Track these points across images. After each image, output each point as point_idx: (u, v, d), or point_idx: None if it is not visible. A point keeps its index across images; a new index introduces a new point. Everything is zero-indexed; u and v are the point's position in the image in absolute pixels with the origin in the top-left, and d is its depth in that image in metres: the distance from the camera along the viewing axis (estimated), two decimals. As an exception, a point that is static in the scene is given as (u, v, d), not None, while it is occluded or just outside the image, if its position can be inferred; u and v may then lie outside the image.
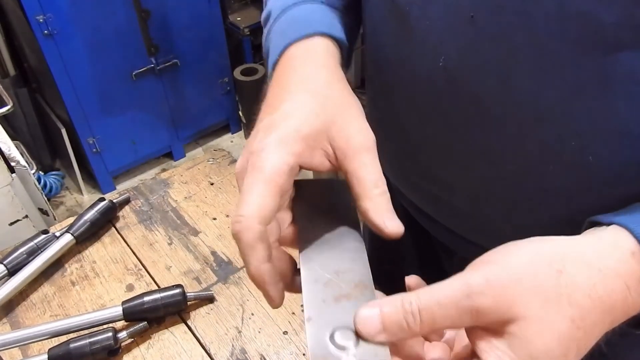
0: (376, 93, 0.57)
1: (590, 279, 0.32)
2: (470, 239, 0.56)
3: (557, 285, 0.31)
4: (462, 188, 0.50)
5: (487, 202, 0.49)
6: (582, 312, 0.31)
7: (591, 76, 0.36)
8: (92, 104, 2.14)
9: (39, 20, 1.87)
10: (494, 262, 0.32)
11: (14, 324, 0.71)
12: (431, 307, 0.31)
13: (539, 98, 0.39)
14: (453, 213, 0.54)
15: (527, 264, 0.32)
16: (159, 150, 2.49)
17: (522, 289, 0.31)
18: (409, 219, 0.69)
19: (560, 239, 0.34)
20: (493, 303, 0.30)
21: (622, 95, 0.36)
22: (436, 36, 0.42)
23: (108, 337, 0.64)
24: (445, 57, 0.42)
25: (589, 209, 0.43)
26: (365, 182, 0.35)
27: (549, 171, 0.43)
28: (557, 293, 0.31)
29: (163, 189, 0.90)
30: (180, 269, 0.77)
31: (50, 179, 2.35)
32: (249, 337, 0.67)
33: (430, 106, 0.46)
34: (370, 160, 0.36)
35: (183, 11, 2.20)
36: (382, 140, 0.62)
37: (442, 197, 0.53)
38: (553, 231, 0.43)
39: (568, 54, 0.36)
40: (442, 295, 0.31)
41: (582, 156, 0.40)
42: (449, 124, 0.46)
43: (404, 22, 0.45)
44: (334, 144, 0.36)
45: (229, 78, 2.50)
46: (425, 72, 0.44)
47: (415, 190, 0.58)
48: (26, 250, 0.75)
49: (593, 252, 0.33)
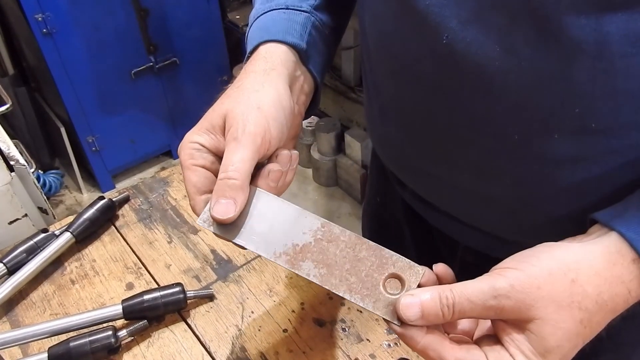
0: (379, 83, 0.57)
1: (598, 287, 0.38)
2: (473, 224, 0.56)
3: (570, 294, 0.37)
4: (467, 165, 0.51)
5: (491, 177, 0.50)
6: (589, 315, 0.37)
7: (588, 38, 0.38)
8: (91, 102, 2.14)
9: (38, 19, 1.87)
10: (518, 269, 0.38)
11: (13, 322, 0.71)
12: (463, 302, 0.37)
13: (540, 63, 0.40)
14: (457, 196, 0.55)
15: (546, 273, 0.38)
16: (158, 149, 2.49)
17: (540, 295, 0.37)
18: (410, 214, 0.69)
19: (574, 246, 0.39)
20: (515, 305, 0.37)
21: (619, 56, 0.38)
22: (437, 13, 0.43)
23: (108, 336, 0.64)
24: (448, 33, 0.43)
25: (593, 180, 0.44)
26: (222, 165, 0.44)
27: (553, 141, 0.44)
28: (570, 300, 0.37)
29: (162, 188, 0.90)
30: (180, 267, 0.77)
31: (50, 178, 2.35)
32: (248, 335, 0.67)
33: (434, 83, 0.48)
34: (232, 148, 0.44)
35: (182, 10, 2.20)
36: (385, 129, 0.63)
37: (446, 178, 0.54)
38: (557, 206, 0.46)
39: (564, 17, 0.38)
40: (473, 294, 0.37)
41: (584, 123, 0.42)
42: (453, 98, 0.47)
43: (404, 4, 0.46)
44: (225, 127, 0.46)
45: (228, 76, 2.49)
46: (429, 50, 0.46)
47: (418, 176, 0.59)
48: (26, 249, 0.75)
49: (602, 261, 0.38)
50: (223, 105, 0.47)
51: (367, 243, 0.43)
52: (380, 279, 0.42)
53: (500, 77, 0.42)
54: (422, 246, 0.73)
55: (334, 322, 0.68)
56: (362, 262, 0.43)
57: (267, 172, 0.46)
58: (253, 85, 0.48)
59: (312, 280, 0.43)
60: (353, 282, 0.42)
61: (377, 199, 0.80)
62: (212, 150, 0.47)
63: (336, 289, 0.42)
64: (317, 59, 0.54)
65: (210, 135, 0.47)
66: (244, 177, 0.43)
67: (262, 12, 0.56)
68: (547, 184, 0.47)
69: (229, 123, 0.45)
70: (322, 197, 2.35)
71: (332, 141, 2.25)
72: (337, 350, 0.65)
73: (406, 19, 0.47)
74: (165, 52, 2.22)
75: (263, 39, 0.52)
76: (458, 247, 0.65)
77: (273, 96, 0.47)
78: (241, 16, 2.46)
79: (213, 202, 0.43)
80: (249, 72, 0.50)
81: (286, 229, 0.44)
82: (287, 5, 0.55)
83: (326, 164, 2.31)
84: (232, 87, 0.49)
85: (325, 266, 0.43)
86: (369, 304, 0.42)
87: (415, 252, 0.74)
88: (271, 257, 0.44)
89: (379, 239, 0.44)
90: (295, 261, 0.43)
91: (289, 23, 0.53)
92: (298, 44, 0.52)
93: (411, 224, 0.72)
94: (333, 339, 0.66)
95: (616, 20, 0.36)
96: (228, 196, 0.43)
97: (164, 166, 2.50)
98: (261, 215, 0.45)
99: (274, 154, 0.47)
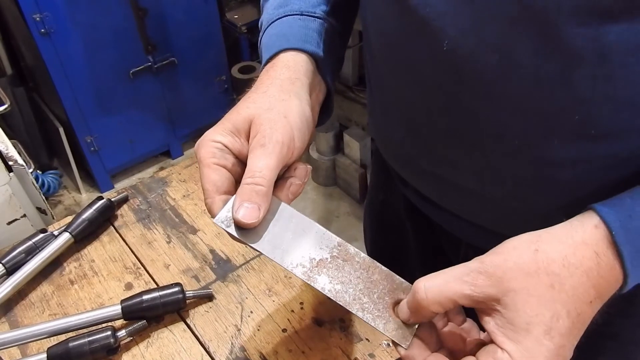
0: (381, 81, 0.58)
1: (562, 252, 0.39)
2: (476, 222, 0.56)
3: (534, 261, 0.39)
4: (468, 167, 0.51)
5: (491, 179, 0.50)
6: (560, 278, 0.38)
7: (588, 47, 0.38)
8: (89, 102, 2.13)
9: (36, 19, 1.86)
10: (488, 253, 0.41)
11: (12, 323, 0.71)
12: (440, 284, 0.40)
13: (540, 70, 0.41)
14: (458, 195, 0.55)
15: (511, 248, 0.40)
16: (157, 149, 2.49)
17: (508, 266, 0.39)
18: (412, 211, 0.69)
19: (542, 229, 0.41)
20: (487, 278, 0.39)
21: (619, 64, 0.38)
22: (438, 21, 0.44)
23: (107, 336, 0.64)
24: (448, 40, 0.43)
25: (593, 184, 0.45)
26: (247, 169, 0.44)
27: (553, 145, 0.44)
28: (536, 267, 0.39)
29: (161, 188, 0.90)
30: (179, 267, 0.77)
31: (48, 178, 2.34)
32: (248, 335, 0.67)
33: (435, 85, 0.48)
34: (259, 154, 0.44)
35: (180, 9, 2.20)
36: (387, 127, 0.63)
37: (448, 178, 0.55)
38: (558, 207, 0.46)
39: (564, 26, 0.38)
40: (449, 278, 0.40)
41: (584, 129, 0.42)
42: (454, 101, 0.47)
43: (405, 11, 0.46)
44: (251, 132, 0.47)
45: (226, 76, 2.49)
46: (430, 55, 0.46)
47: (421, 175, 0.59)
48: (24, 250, 0.75)
49: (563, 230, 0.41)
50: (249, 110, 0.47)
51: (379, 267, 0.46)
52: (390, 302, 0.45)
53: (500, 84, 0.43)
54: (424, 243, 0.74)
55: (333, 322, 0.68)
56: (374, 284, 0.45)
57: (289, 185, 0.47)
58: (280, 94, 0.48)
59: (326, 295, 0.44)
60: (365, 302, 0.45)
61: (379, 195, 0.80)
62: (235, 153, 0.47)
63: (349, 306, 0.44)
64: (330, 66, 0.55)
65: (234, 138, 0.47)
66: (269, 184, 0.44)
67: (276, 17, 0.56)
68: (547, 185, 0.47)
69: (255, 129, 0.46)
70: (321, 196, 2.35)
71: (330, 141, 2.25)
72: (336, 350, 0.65)
73: (407, 23, 0.47)
74: (164, 52, 2.22)
75: (283, 46, 0.52)
76: (461, 244, 0.65)
77: (298, 107, 0.48)
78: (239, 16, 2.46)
79: (237, 205, 0.43)
80: (274, 78, 0.50)
81: (304, 242, 0.46)
82: (302, 11, 0.55)
83: (325, 163, 2.31)
84: (256, 92, 0.49)
85: (340, 283, 0.45)
86: (379, 325, 0.44)
87: (417, 249, 0.74)
88: (288, 266, 0.45)
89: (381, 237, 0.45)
90: (312, 274, 0.45)
91: (305, 30, 0.54)
92: (316, 52, 0.52)
93: (413, 221, 0.72)
94: (332, 339, 0.66)
95: (616, 29, 0.37)
96: (253, 201, 0.43)
97: (163, 166, 2.50)
98: (280, 225, 0.46)
99: (292, 166, 0.48)
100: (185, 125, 2.49)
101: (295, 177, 0.47)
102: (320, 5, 0.57)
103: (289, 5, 0.56)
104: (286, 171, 0.48)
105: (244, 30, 2.42)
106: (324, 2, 0.57)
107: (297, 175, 0.48)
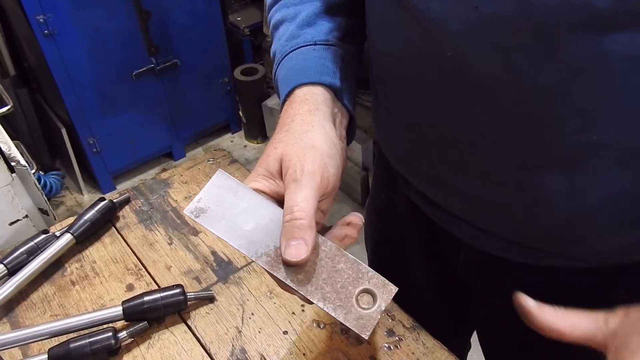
0: (385, 86, 0.58)
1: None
2: (478, 225, 0.56)
3: None
4: (470, 171, 0.51)
5: (494, 184, 0.50)
6: None
7: (589, 56, 0.38)
8: (92, 104, 2.14)
9: (39, 20, 1.87)
10: None
11: (13, 323, 0.71)
12: None
13: (540, 78, 0.41)
14: (461, 198, 0.55)
15: None
16: (159, 150, 2.50)
17: None
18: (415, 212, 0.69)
19: None
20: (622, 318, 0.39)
21: (620, 73, 0.38)
22: (441, 27, 0.44)
23: (108, 337, 0.64)
24: (451, 47, 0.44)
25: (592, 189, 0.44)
26: (285, 207, 0.44)
27: (554, 152, 0.44)
28: None
29: (163, 189, 0.90)
30: (180, 268, 0.77)
31: (51, 179, 2.35)
32: (249, 337, 0.67)
33: (439, 90, 0.48)
34: (294, 189, 0.44)
35: (183, 11, 2.20)
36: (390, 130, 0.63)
37: (450, 182, 0.55)
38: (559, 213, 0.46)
39: (565, 36, 0.38)
40: None
41: (585, 136, 0.42)
42: (457, 108, 0.48)
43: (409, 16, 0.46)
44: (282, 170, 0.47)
45: (229, 78, 2.50)
46: (434, 60, 0.46)
47: (423, 177, 0.59)
48: (26, 250, 0.75)
49: None
50: (277, 150, 0.47)
51: (346, 256, 0.45)
52: (354, 292, 0.44)
53: (502, 91, 0.43)
54: (427, 245, 0.74)
55: (333, 324, 0.68)
56: (339, 273, 0.44)
57: (343, 236, 0.47)
58: (302, 126, 0.48)
59: (288, 284, 0.44)
60: (328, 291, 0.44)
61: (382, 196, 0.80)
62: (273, 196, 0.47)
63: (311, 295, 0.44)
64: (349, 92, 0.55)
65: (268, 181, 0.47)
66: (309, 215, 0.43)
67: (290, 49, 0.55)
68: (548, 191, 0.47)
69: (285, 166, 0.46)
70: (323, 199, 2.35)
71: (332, 143, 2.26)
72: (337, 353, 0.65)
73: (411, 30, 0.47)
74: (166, 54, 2.22)
75: (300, 82, 0.52)
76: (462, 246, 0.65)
77: (323, 134, 0.48)
78: (242, 18, 2.46)
79: (283, 246, 0.43)
80: (294, 115, 0.50)
81: (269, 231, 0.45)
82: (315, 41, 0.55)
83: (327, 166, 2.31)
84: (280, 132, 0.49)
85: (303, 272, 0.44)
86: (340, 315, 0.43)
87: (418, 250, 0.74)
88: (252, 255, 0.45)
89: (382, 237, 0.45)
90: (276, 263, 0.44)
91: (321, 61, 0.54)
92: (334, 83, 0.52)
93: (416, 222, 0.72)
94: (333, 341, 0.66)
95: (617, 39, 0.37)
96: (297, 237, 0.42)
97: (165, 167, 2.50)
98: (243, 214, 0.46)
99: (348, 222, 0.48)
100: (188, 127, 2.50)
101: (351, 229, 0.48)
102: (332, 31, 0.56)
103: (302, 36, 0.56)
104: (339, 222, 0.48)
105: (246, 32, 2.43)
106: (336, 28, 0.57)
107: (352, 227, 0.48)
